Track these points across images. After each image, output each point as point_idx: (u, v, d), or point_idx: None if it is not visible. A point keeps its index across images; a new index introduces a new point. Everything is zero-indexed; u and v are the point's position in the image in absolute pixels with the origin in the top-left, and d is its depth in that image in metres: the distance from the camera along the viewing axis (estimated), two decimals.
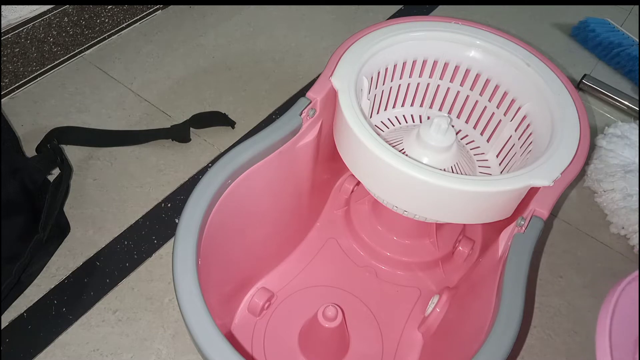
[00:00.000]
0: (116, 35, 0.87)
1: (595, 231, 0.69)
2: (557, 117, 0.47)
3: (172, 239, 0.63)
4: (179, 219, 0.40)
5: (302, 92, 0.74)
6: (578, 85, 0.86)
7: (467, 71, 0.55)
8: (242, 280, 0.56)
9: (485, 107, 0.56)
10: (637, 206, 0.67)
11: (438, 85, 0.57)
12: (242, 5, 0.95)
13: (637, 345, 0.38)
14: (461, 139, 0.58)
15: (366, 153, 0.43)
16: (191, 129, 0.74)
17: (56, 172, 0.65)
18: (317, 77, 0.50)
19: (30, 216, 0.57)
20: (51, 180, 0.61)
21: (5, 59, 0.73)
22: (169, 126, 0.73)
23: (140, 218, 0.65)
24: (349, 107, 0.45)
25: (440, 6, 0.99)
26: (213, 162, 0.72)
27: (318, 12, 0.96)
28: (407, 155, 0.47)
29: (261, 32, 0.91)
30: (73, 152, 0.71)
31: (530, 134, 0.50)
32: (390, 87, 0.56)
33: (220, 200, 0.43)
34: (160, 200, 0.67)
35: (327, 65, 0.49)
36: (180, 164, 0.71)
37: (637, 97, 0.85)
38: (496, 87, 0.54)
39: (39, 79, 0.79)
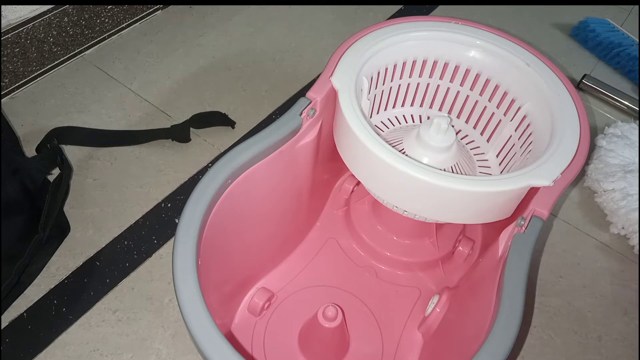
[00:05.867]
0: (116, 35, 0.87)
1: (595, 231, 0.69)
2: (557, 117, 0.47)
3: (172, 239, 0.63)
4: (179, 219, 0.40)
5: (302, 92, 0.74)
6: (578, 85, 0.86)
7: (467, 71, 0.55)
8: (242, 280, 0.56)
9: (485, 107, 0.56)
10: (637, 206, 0.67)
11: (438, 85, 0.57)
12: (242, 5, 0.95)
13: None
14: (461, 139, 0.58)
15: (366, 153, 0.43)
16: (191, 129, 0.74)
17: (56, 172, 0.65)
18: (317, 77, 0.50)
19: (30, 216, 0.57)
20: (51, 180, 0.61)
21: (5, 59, 0.73)
22: (169, 126, 0.73)
23: (140, 218, 0.65)
24: (349, 107, 0.45)
25: (440, 6, 0.99)
26: (213, 162, 0.72)
27: (318, 12, 0.96)
28: (407, 155, 0.47)
29: (261, 32, 0.91)
30: (73, 152, 0.71)
31: (530, 134, 0.50)
32: (390, 87, 0.56)
33: (220, 200, 0.43)
34: (160, 200, 0.67)
35: (327, 65, 0.49)
36: (180, 164, 0.71)
37: (637, 97, 0.85)
38: (496, 87, 0.54)
39: (39, 79, 0.79)
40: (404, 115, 0.60)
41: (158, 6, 0.91)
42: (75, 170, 0.69)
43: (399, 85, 0.57)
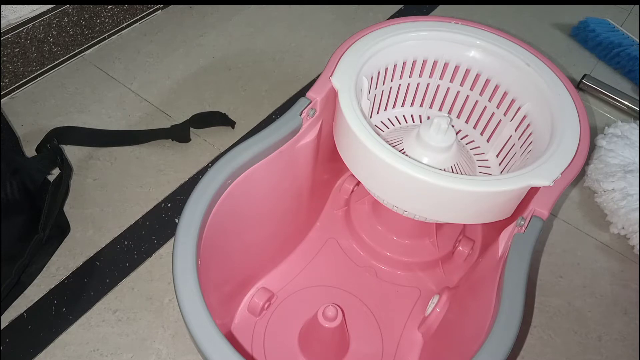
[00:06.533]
0: (116, 35, 0.87)
1: (595, 231, 0.69)
2: (557, 117, 0.47)
3: (172, 239, 0.63)
4: (179, 219, 0.40)
5: (302, 92, 0.74)
6: (578, 85, 0.86)
7: (467, 71, 0.55)
8: (242, 280, 0.56)
9: (485, 107, 0.56)
10: (637, 206, 0.67)
11: (438, 85, 0.57)
12: (242, 5, 0.95)
13: None
14: (461, 139, 0.58)
15: (366, 153, 0.43)
16: (191, 129, 0.74)
17: (56, 172, 0.65)
18: (317, 77, 0.50)
19: (30, 216, 0.57)
20: (51, 180, 0.61)
21: (5, 59, 0.73)
22: (169, 126, 0.73)
23: (140, 218, 0.65)
24: (349, 107, 0.45)
25: (440, 6, 0.99)
26: (213, 162, 0.72)
27: (318, 12, 0.96)
28: (407, 155, 0.47)
29: (261, 32, 0.91)
30: (73, 152, 0.71)
31: (530, 134, 0.50)
32: (390, 87, 0.56)
33: (220, 200, 0.43)
34: (160, 200, 0.67)
35: (327, 65, 0.49)
36: (180, 164, 0.71)
37: (637, 97, 0.85)
38: (496, 87, 0.54)
39: (39, 79, 0.79)
40: (404, 115, 0.60)
41: (158, 6, 0.91)
42: (75, 170, 0.69)
43: (399, 85, 0.57)
